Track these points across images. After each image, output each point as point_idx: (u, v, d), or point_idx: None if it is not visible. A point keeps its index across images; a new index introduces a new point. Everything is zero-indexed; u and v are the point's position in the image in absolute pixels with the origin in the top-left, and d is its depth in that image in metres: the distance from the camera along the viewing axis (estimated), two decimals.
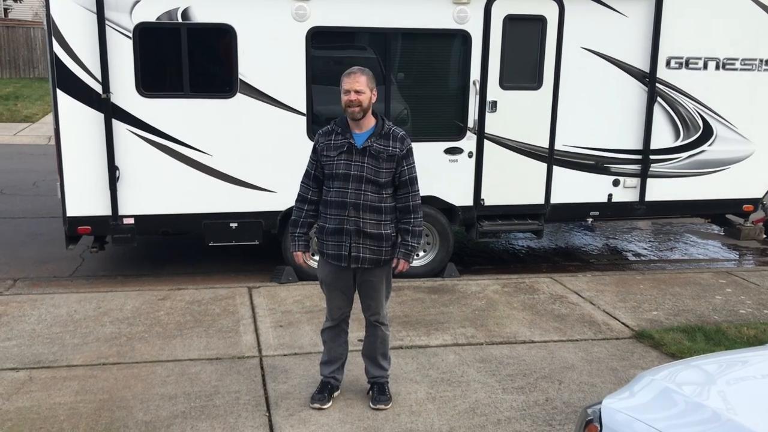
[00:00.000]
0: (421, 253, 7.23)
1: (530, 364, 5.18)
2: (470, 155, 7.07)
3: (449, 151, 7.03)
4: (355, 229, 4.20)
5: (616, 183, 7.49)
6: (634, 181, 7.53)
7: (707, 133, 7.59)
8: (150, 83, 6.38)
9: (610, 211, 7.61)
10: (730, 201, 7.89)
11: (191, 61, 6.39)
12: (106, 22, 6.17)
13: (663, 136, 7.49)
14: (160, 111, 6.43)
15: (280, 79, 6.59)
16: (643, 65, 7.27)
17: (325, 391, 4.52)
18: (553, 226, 9.62)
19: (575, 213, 7.63)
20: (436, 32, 6.83)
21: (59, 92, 6.23)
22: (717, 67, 7.44)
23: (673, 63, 7.33)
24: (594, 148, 7.37)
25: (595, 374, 5.04)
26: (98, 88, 6.27)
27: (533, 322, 5.97)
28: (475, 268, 7.96)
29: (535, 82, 7.09)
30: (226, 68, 6.51)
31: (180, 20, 6.30)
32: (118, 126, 6.37)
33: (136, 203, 6.53)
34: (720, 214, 8.29)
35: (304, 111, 6.68)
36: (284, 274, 6.86)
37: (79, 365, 4.99)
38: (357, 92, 4.11)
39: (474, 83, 6.95)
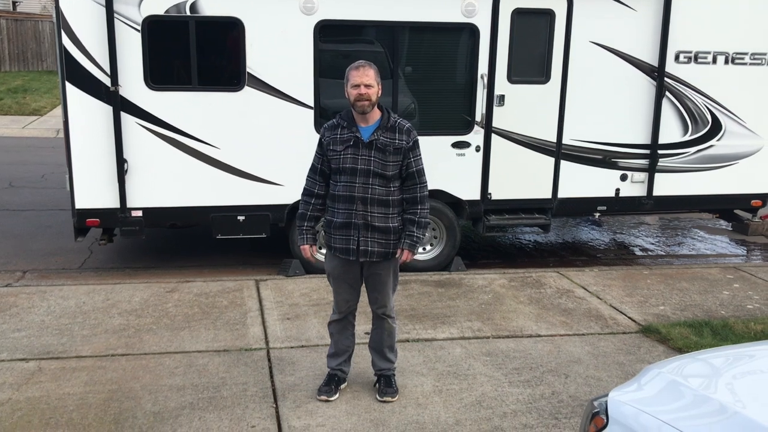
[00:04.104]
0: (428, 247, 7.24)
1: (536, 357, 5.19)
2: (478, 149, 7.06)
3: (457, 145, 7.03)
4: (363, 222, 4.21)
5: (623, 177, 7.48)
6: (642, 176, 7.51)
7: (716, 127, 7.57)
8: (158, 76, 6.40)
9: (617, 205, 7.59)
10: (739, 196, 7.86)
11: (199, 54, 6.40)
12: (115, 14, 6.19)
13: (671, 130, 7.46)
14: (169, 104, 6.45)
15: (288, 72, 6.60)
16: (652, 59, 7.25)
17: (332, 383, 4.53)
18: (560, 220, 9.60)
19: (582, 207, 7.62)
20: (444, 26, 6.82)
21: (68, 85, 6.26)
22: (726, 62, 7.40)
23: (681, 57, 7.30)
24: (602, 143, 7.36)
25: (601, 368, 5.04)
26: (107, 80, 6.30)
27: (540, 316, 5.98)
28: (482, 262, 7.96)
29: (543, 76, 7.07)
30: (234, 61, 6.52)
31: (188, 13, 6.31)
32: (127, 119, 6.40)
33: (144, 196, 6.56)
34: (728, 209, 8.26)
35: (312, 104, 6.69)
36: (291, 267, 6.88)
37: (87, 356, 5.02)
38: (367, 86, 4.10)
39: (482, 77, 6.94)
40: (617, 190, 7.51)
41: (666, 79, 7.30)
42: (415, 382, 4.75)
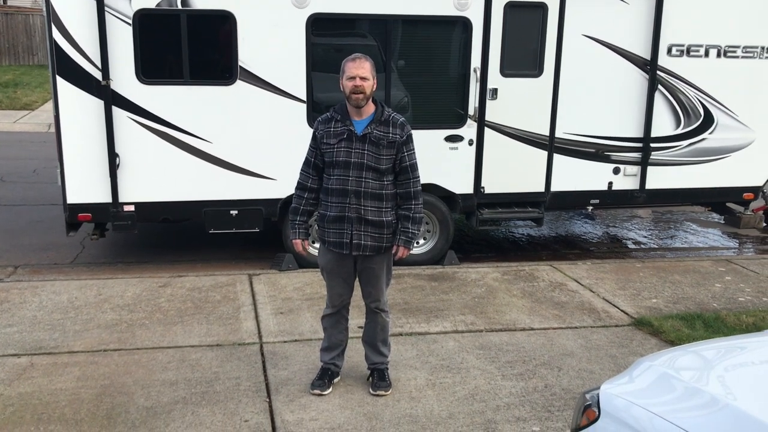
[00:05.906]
0: (422, 241, 7.24)
1: (529, 351, 5.20)
2: (471, 143, 7.06)
3: (450, 138, 7.03)
4: (357, 216, 4.20)
5: (616, 171, 7.49)
6: (635, 169, 7.52)
7: (708, 121, 7.58)
8: (150, 70, 6.37)
9: (610, 199, 7.61)
10: (731, 189, 7.89)
11: (191, 47, 6.37)
12: (106, 8, 6.15)
13: (664, 124, 7.48)
14: (160, 98, 6.42)
15: (281, 66, 6.57)
16: (644, 53, 7.25)
17: (326, 377, 4.53)
18: (553, 214, 9.62)
19: (575, 201, 7.63)
20: (436, 19, 6.80)
21: (59, 79, 6.22)
22: (718, 55, 7.42)
23: (674, 50, 7.31)
24: (594, 136, 7.37)
25: (594, 361, 5.06)
26: (98, 74, 6.26)
27: (533, 309, 5.99)
28: (475, 256, 7.97)
29: (536, 70, 7.07)
30: (226, 55, 6.50)
31: (180, 7, 6.27)
32: (118, 113, 6.37)
33: (136, 190, 6.53)
34: (720, 202, 8.29)
35: (305, 98, 6.67)
36: (284, 261, 6.87)
37: (80, 351, 5.00)
38: (363, 78, 4.09)
39: (475, 71, 6.93)
40: (610, 183, 7.52)
41: (658, 72, 7.31)
42: (408, 375, 4.76)
